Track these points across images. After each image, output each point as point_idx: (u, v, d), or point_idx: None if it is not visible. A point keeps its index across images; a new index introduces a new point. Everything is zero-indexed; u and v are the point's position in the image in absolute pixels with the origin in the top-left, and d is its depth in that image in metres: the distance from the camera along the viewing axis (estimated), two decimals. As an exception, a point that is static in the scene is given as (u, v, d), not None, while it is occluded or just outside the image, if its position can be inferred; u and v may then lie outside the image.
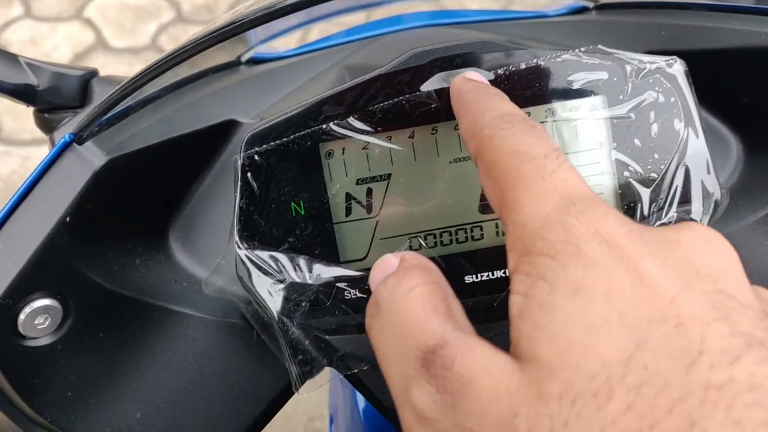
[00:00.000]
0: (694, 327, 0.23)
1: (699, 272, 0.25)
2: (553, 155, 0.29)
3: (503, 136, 0.31)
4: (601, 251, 0.25)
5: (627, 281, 0.24)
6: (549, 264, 0.25)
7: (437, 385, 0.25)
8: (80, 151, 0.41)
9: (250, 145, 0.40)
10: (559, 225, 0.26)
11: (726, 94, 0.47)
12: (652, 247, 0.26)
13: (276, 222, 0.41)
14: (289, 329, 0.41)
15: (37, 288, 0.39)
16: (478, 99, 0.35)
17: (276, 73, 0.53)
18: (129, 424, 0.44)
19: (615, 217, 0.26)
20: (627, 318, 0.23)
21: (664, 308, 0.23)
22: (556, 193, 0.27)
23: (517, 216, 0.28)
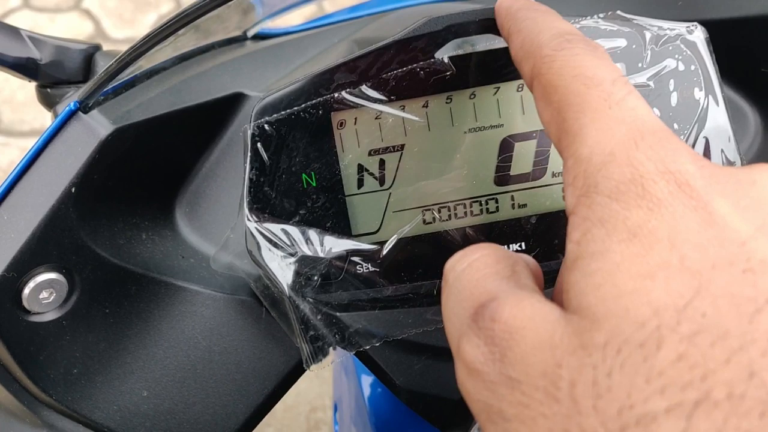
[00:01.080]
0: (764, 272, 0.21)
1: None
2: (621, 81, 0.27)
3: (565, 56, 0.28)
4: (669, 191, 0.23)
5: (694, 223, 0.23)
6: (610, 206, 0.24)
7: (485, 337, 0.25)
8: (86, 119, 0.40)
9: (261, 115, 0.39)
10: (625, 161, 0.24)
11: (744, 64, 0.46)
12: (724, 187, 0.24)
13: (287, 194, 0.40)
14: (300, 305, 0.40)
15: (42, 261, 0.39)
16: (532, 16, 0.32)
17: (283, 47, 0.52)
18: (136, 402, 0.43)
19: (687, 152, 0.25)
20: (689, 262, 0.22)
21: (732, 252, 0.22)
22: (625, 125, 0.25)
23: (580, 147, 0.26)
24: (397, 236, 0.40)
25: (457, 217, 0.41)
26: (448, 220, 0.41)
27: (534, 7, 0.34)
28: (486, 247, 0.29)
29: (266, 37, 0.55)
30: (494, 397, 0.24)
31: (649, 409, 0.20)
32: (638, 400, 0.20)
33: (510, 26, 0.34)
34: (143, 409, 0.43)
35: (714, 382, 0.20)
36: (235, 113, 0.46)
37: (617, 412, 0.21)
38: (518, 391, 0.23)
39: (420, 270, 0.41)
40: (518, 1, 0.35)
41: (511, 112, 0.40)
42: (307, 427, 1.59)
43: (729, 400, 0.19)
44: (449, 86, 0.39)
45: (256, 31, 0.55)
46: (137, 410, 0.43)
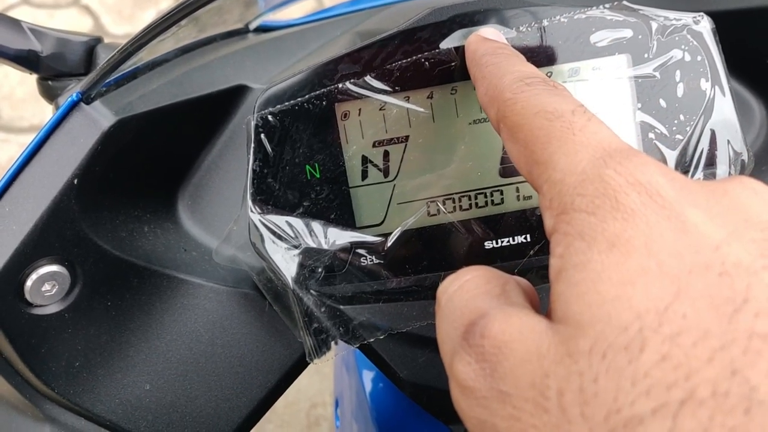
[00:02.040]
0: (739, 275, 0.22)
1: (747, 220, 0.24)
2: (580, 110, 0.28)
3: (526, 97, 0.30)
4: (641, 201, 0.24)
5: (668, 231, 0.23)
6: (587, 220, 0.24)
7: (476, 354, 0.25)
8: (88, 110, 0.40)
9: (264, 105, 0.39)
10: (597, 178, 0.25)
11: (751, 56, 0.45)
12: (696, 196, 0.25)
13: (290, 185, 0.39)
14: (304, 297, 0.40)
15: (44, 253, 0.38)
16: (495, 62, 0.34)
17: (286, 39, 0.52)
18: (138, 395, 0.42)
19: (655, 165, 0.25)
20: (666, 267, 0.22)
21: (707, 256, 0.22)
22: (590, 147, 0.26)
23: (552, 173, 0.27)
24: (401, 228, 0.40)
25: (462, 209, 0.40)
26: (453, 212, 0.40)
27: (498, 51, 0.35)
28: (477, 269, 0.30)
29: (268, 30, 0.55)
30: (487, 413, 0.24)
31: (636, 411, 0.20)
32: (625, 403, 0.21)
33: (475, 72, 0.35)
34: (145, 403, 0.43)
35: (698, 381, 0.20)
36: (237, 105, 0.46)
37: (604, 418, 0.21)
38: (509, 404, 0.24)
39: (424, 262, 0.40)
40: (483, 47, 0.36)
41: None
42: (308, 423, 1.59)
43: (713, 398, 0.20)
44: (454, 77, 0.39)
45: (259, 23, 0.55)
46: (139, 403, 0.42)
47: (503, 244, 0.41)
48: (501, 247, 0.41)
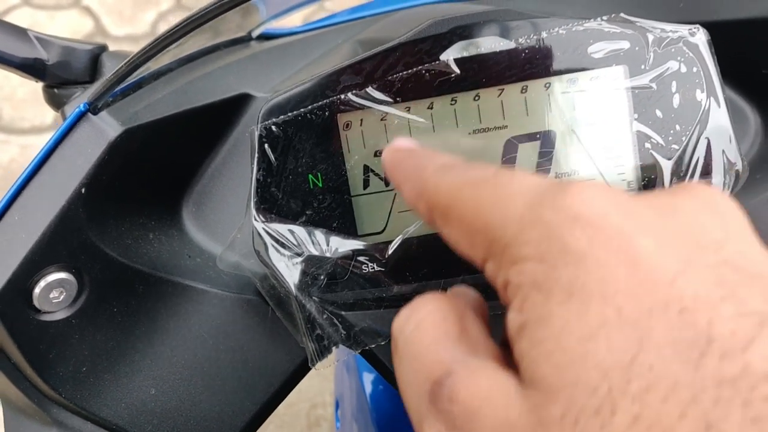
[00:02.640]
0: (699, 310, 0.21)
1: (699, 242, 0.23)
2: (501, 171, 0.28)
3: (449, 179, 0.29)
4: (587, 239, 0.23)
5: (621, 268, 0.22)
6: (538, 269, 0.23)
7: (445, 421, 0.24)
8: (95, 121, 0.40)
9: (268, 116, 0.39)
10: (537, 221, 0.24)
11: (745, 66, 0.46)
12: (643, 220, 0.24)
13: (293, 194, 0.40)
14: (306, 304, 0.40)
15: (52, 261, 0.39)
16: (414, 162, 0.33)
17: (288, 47, 0.52)
18: (143, 400, 0.43)
19: (594, 190, 0.24)
20: (626, 312, 0.21)
21: (664, 293, 0.21)
22: (522, 194, 0.25)
23: (491, 231, 0.26)
24: (402, 236, 0.41)
25: None
26: None
27: (413, 154, 0.34)
28: (430, 302, 0.28)
29: (270, 38, 0.56)
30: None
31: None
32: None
33: (398, 178, 0.34)
34: (151, 407, 0.43)
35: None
36: (241, 114, 0.47)
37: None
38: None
39: (425, 269, 0.41)
40: (398, 155, 0.35)
41: (514, 114, 0.40)
42: (308, 423, 1.59)
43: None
44: (454, 88, 0.40)
45: (261, 31, 0.56)
46: (145, 408, 0.43)
47: None
48: None
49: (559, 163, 0.40)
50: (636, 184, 0.41)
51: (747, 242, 0.24)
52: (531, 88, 0.40)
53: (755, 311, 0.21)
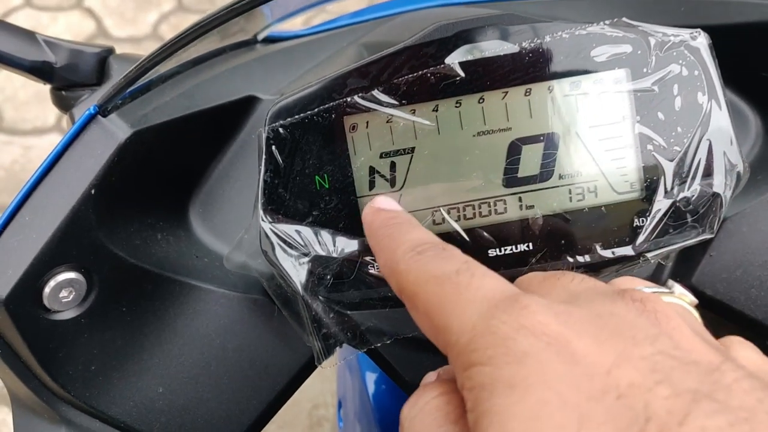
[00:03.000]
0: (634, 395, 0.23)
1: (634, 338, 0.25)
2: (463, 268, 0.30)
3: (417, 267, 0.32)
4: (529, 343, 0.25)
5: (560, 365, 0.24)
6: (484, 371, 0.25)
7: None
8: (105, 123, 0.41)
9: (275, 118, 0.40)
10: (486, 331, 0.26)
11: (746, 69, 0.47)
12: (581, 326, 0.26)
13: (300, 195, 0.41)
14: (313, 303, 0.41)
15: (62, 261, 0.39)
16: (389, 233, 0.35)
17: (293, 50, 0.53)
18: (151, 398, 0.44)
19: (538, 305, 0.27)
20: (565, 396, 0.23)
21: (602, 383, 0.23)
22: (476, 303, 0.28)
23: (450, 336, 0.28)
24: None
25: (466, 218, 0.42)
26: (458, 220, 0.42)
27: (390, 222, 0.36)
28: (436, 388, 0.30)
29: (276, 41, 0.56)
30: None
31: None
32: None
33: (373, 245, 0.37)
34: (158, 405, 0.44)
35: None
36: (247, 116, 0.47)
37: None
38: None
39: None
40: (377, 219, 0.37)
41: (518, 116, 0.41)
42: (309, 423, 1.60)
43: None
44: (459, 91, 0.40)
45: (266, 34, 0.56)
46: (153, 406, 0.44)
47: (506, 252, 0.42)
48: (504, 255, 0.42)
49: (563, 165, 0.41)
50: (638, 185, 0.41)
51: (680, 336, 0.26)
52: (535, 90, 0.40)
53: (689, 390, 0.22)
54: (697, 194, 0.41)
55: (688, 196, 0.41)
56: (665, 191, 0.41)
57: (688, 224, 0.41)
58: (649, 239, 0.41)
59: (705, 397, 0.22)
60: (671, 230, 0.41)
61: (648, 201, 0.41)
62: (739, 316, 0.44)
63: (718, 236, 0.43)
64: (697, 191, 0.41)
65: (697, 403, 0.22)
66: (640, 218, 0.41)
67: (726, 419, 0.21)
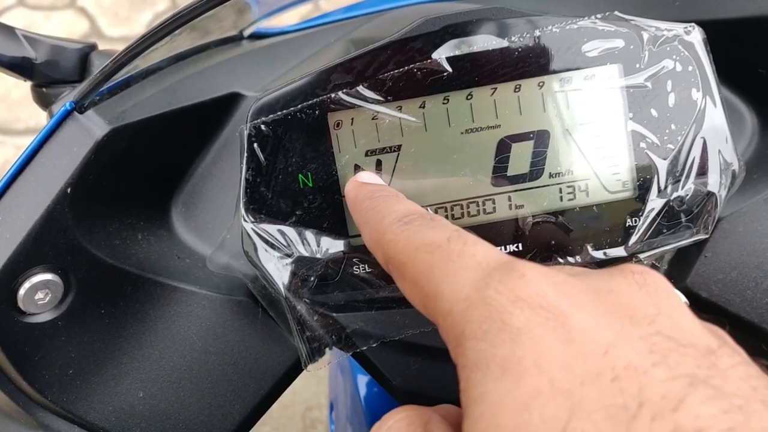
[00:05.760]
0: (630, 377, 0.22)
1: (633, 316, 0.25)
2: (455, 236, 0.29)
3: (406, 236, 0.31)
4: (525, 318, 0.24)
5: (556, 343, 0.23)
6: (478, 348, 0.25)
7: None
8: (81, 120, 0.40)
9: (257, 115, 0.39)
10: (480, 302, 0.25)
11: (742, 65, 0.46)
12: (579, 298, 0.25)
13: (283, 194, 0.40)
14: (297, 305, 0.40)
15: (37, 262, 0.38)
16: (374, 206, 0.35)
17: (279, 47, 0.52)
18: (131, 403, 0.43)
19: (535, 273, 0.26)
20: (558, 383, 0.22)
21: (597, 364, 0.23)
22: (470, 270, 0.27)
23: (440, 304, 0.27)
24: None
25: (454, 218, 0.41)
26: None
27: (375, 195, 0.36)
28: (400, 412, 0.29)
29: (262, 37, 0.55)
30: None
31: None
32: None
33: (357, 218, 0.36)
34: (139, 410, 0.43)
35: None
36: (231, 113, 0.46)
37: None
38: None
39: None
40: (361, 192, 0.37)
41: (508, 113, 0.39)
42: (303, 425, 1.59)
43: None
44: (446, 87, 0.39)
45: (252, 30, 0.55)
46: (132, 411, 0.43)
47: None
48: None
49: (553, 164, 0.40)
50: (631, 184, 0.40)
51: (680, 316, 0.25)
52: (524, 87, 0.39)
53: (686, 374, 0.22)
54: (691, 193, 0.40)
55: (682, 195, 0.40)
56: (659, 190, 0.40)
57: (682, 224, 0.40)
58: (642, 240, 0.40)
59: (701, 383, 0.22)
60: (665, 230, 0.40)
61: (641, 200, 0.40)
62: (734, 319, 0.43)
63: (713, 237, 0.42)
64: (692, 190, 0.40)
65: (693, 388, 0.21)
66: (632, 218, 0.40)
67: (720, 407, 0.21)
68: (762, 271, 0.42)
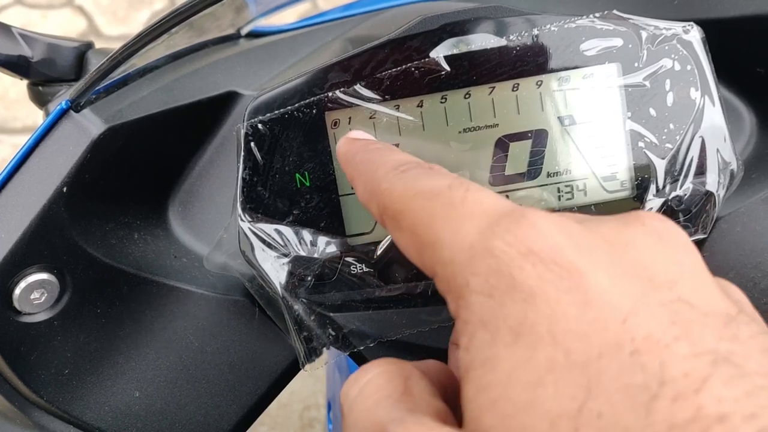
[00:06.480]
0: (651, 351, 0.20)
1: (653, 278, 0.23)
2: (456, 183, 0.27)
3: (402, 184, 0.29)
4: (537, 275, 0.22)
5: (571, 307, 0.21)
6: (486, 304, 0.23)
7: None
8: (77, 118, 0.40)
9: (254, 114, 0.39)
10: (487, 253, 0.23)
11: (740, 64, 0.46)
12: (596, 255, 0.23)
13: (280, 194, 0.39)
14: (294, 305, 0.40)
15: (33, 261, 0.38)
16: (367, 158, 0.33)
17: (277, 45, 0.51)
18: (127, 403, 0.42)
19: (547, 222, 0.24)
20: (574, 356, 0.21)
21: (615, 333, 0.21)
22: (475, 217, 0.25)
23: (441, 252, 0.25)
24: (391, 236, 0.40)
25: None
26: None
27: (369, 147, 0.34)
28: (377, 366, 0.28)
29: (260, 35, 0.55)
30: None
31: None
32: None
33: (350, 172, 0.34)
34: (135, 410, 0.42)
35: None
36: (228, 112, 0.46)
37: None
38: None
39: (414, 270, 0.40)
40: (353, 147, 0.35)
41: (506, 112, 0.39)
42: (301, 425, 1.58)
43: None
44: (444, 86, 0.39)
45: (250, 29, 0.55)
46: (129, 411, 0.42)
47: None
48: None
49: (551, 163, 0.40)
50: (629, 183, 0.40)
51: (700, 278, 0.24)
52: (522, 86, 0.39)
53: (709, 350, 0.20)
54: (689, 193, 0.40)
55: (680, 194, 0.40)
56: (657, 190, 0.40)
57: (680, 224, 0.40)
58: None
59: (724, 361, 0.20)
60: None
61: (639, 200, 0.40)
62: None
63: (711, 236, 0.42)
64: (690, 190, 0.40)
65: (716, 366, 0.20)
66: None
67: (743, 388, 0.19)
68: (760, 271, 0.42)
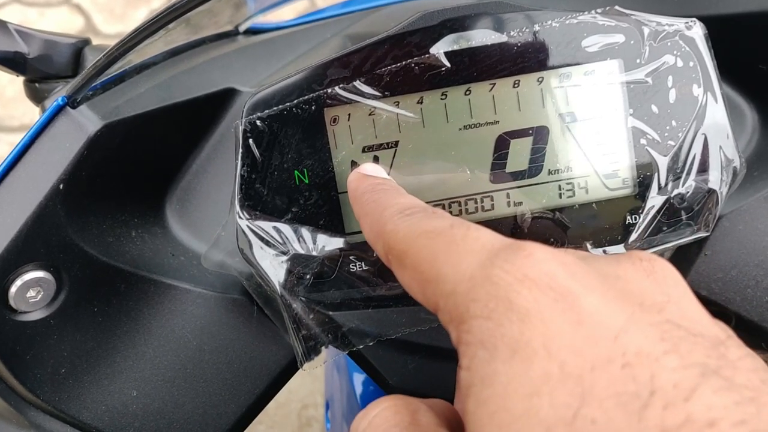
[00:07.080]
0: (641, 364, 0.21)
1: (642, 304, 0.24)
2: (458, 223, 0.29)
3: (407, 225, 0.30)
4: (534, 298, 0.24)
5: (565, 325, 0.23)
6: (485, 326, 0.24)
7: None
8: (74, 115, 0.39)
9: (253, 110, 0.38)
10: (486, 281, 0.25)
11: (742, 61, 0.45)
12: (589, 280, 0.25)
13: (279, 191, 0.39)
14: (292, 304, 0.39)
15: (29, 259, 0.38)
16: (375, 198, 0.34)
17: (275, 42, 0.51)
18: (125, 402, 0.42)
19: (543, 253, 0.25)
20: (569, 368, 0.22)
21: (608, 348, 0.22)
22: (475, 252, 0.26)
23: (443, 286, 0.27)
24: None
25: (452, 215, 0.40)
26: None
27: (377, 188, 0.35)
28: (386, 401, 0.29)
29: (258, 32, 0.54)
30: None
31: None
32: None
33: (358, 210, 0.36)
34: (132, 409, 0.42)
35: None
36: (226, 109, 0.46)
37: None
38: None
39: None
40: (363, 184, 0.36)
41: (506, 109, 0.39)
42: (299, 424, 1.58)
43: None
44: (444, 82, 0.39)
45: (248, 25, 0.55)
46: (126, 410, 0.42)
47: None
48: None
49: (552, 160, 0.39)
50: (631, 181, 0.40)
51: (687, 305, 0.25)
52: (523, 82, 0.39)
53: (697, 363, 0.21)
54: (691, 191, 0.39)
55: (682, 192, 0.39)
56: (659, 187, 0.39)
57: (682, 222, 0.39)
58: (641, 237, 0.39)
59: (712, 373, 0.21)
60: (665, 228, 0.40)
61: (641, 198, 0.40)
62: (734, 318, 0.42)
63: (713, 234, 0.41)
64: (692, 187, 0.39)
65: (705, 378, 0.21)
66: (632, 216, 0.40)
67: (732, 398, 0.20)
68: (762, 269, 0.42)
